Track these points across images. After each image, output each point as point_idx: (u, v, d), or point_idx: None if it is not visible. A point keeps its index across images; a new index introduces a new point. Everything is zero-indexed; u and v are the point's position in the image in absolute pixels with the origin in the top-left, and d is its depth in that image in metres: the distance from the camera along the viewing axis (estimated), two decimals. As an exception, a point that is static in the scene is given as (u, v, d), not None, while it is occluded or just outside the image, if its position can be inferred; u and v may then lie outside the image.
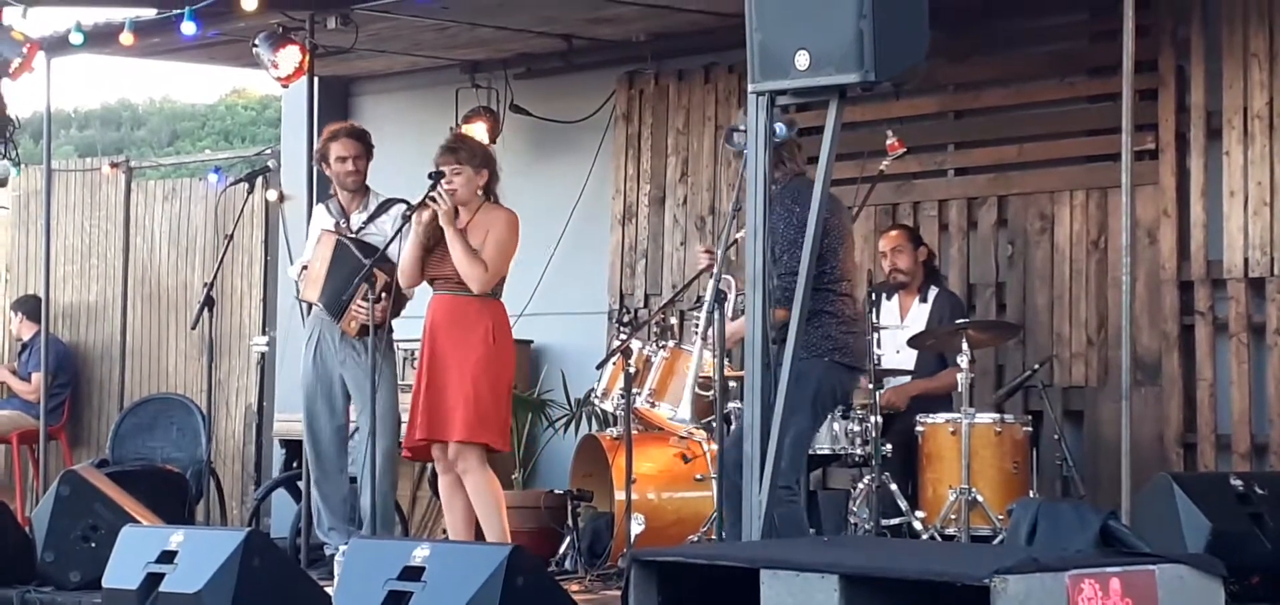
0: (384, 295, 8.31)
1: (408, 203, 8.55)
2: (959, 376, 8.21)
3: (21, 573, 7.75)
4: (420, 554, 5.69)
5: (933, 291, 9.01)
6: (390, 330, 8.62)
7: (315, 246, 8.59)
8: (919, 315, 8.94)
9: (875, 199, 9.34)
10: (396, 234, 8.36)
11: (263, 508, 10.65)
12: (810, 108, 8.99)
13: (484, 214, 7.93)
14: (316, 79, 10.09)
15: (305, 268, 8.63)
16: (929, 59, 6.17)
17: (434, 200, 7.82)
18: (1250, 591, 6.67)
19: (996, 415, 8.42)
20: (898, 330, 8.79)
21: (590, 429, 9.96)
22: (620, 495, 8.27)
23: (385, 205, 8.68)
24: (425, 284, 8.05)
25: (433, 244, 7.90)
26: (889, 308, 8.96)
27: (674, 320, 9.67)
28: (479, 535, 7.82)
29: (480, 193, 7.95)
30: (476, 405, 7.73)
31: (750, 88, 6.17)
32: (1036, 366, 8.81)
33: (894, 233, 9.16)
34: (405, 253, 7.97)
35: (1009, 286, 9.39)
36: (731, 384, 7.71)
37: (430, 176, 8.14)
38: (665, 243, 10.60)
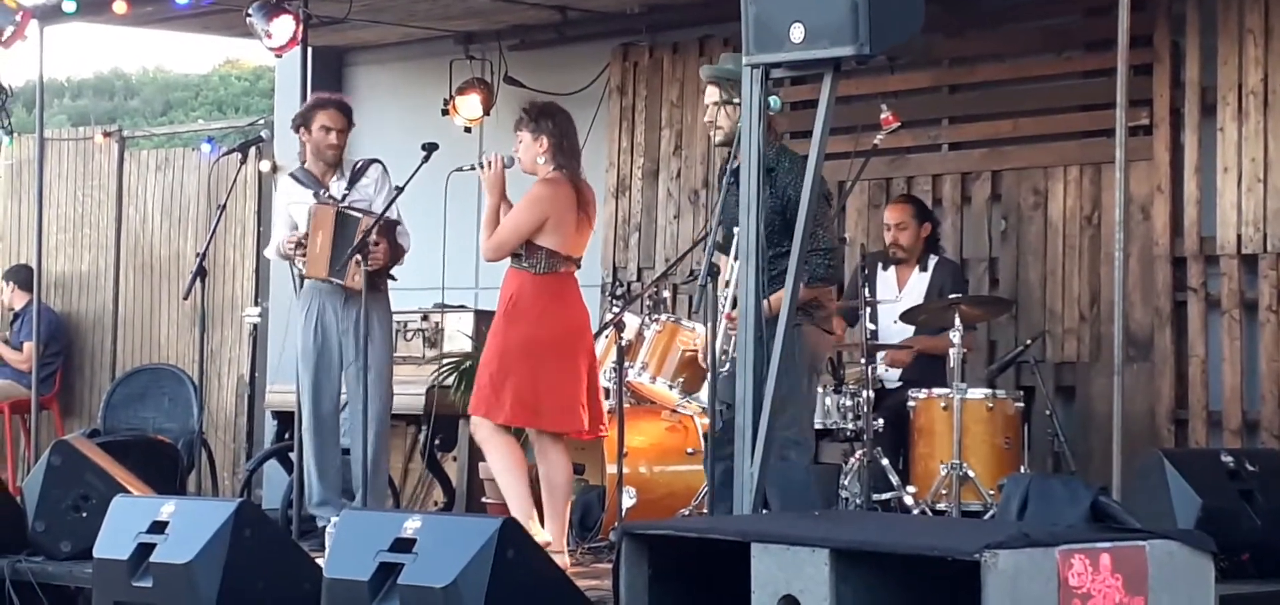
0: (375, 235, 8.20)
1: (382, 163, 8.53)
2: (951, 350, 8.20)
3: (12, 542, 7.73)
4: (412, 526, 5.68)
5: (932, 260, 8.99)
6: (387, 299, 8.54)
7: (312, 222, 8.41)
8: (918, 284, 8.93)
9: (869, 173, 9.32)
10: (400, 187, 8.28)
11: (254, 479, 10.63)
12: (805, 81, 9.04)
13: (535, 183, 7.61)
14: (310, 49, 10.06)
15: (301, 247, 8.44)
16: (924, 33, 6.15)
17: (481, 166, 7.62)
18: (1240, 568, 6.67)
19: (988, 390, 8.42)
20: (893, 304, 8.78)
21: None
22: (612, 469, 8.27)
23: (361, 169, 8.59)
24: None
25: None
26: (886, 278, 8.95)
27: (667, 293, 9.65)
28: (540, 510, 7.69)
29: (543, 160, 7.61)
30: (489, 377, 7.59)
31: (745, 61, 6.15)
32: (1029, 342, 8.81)
33: (900, 204, 9.12)
34: (483, 227, 7.69)
35: (1002, 261, 9.38)
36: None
37: (424, 148, 8.10)
38: (659, 216, 10.58)
